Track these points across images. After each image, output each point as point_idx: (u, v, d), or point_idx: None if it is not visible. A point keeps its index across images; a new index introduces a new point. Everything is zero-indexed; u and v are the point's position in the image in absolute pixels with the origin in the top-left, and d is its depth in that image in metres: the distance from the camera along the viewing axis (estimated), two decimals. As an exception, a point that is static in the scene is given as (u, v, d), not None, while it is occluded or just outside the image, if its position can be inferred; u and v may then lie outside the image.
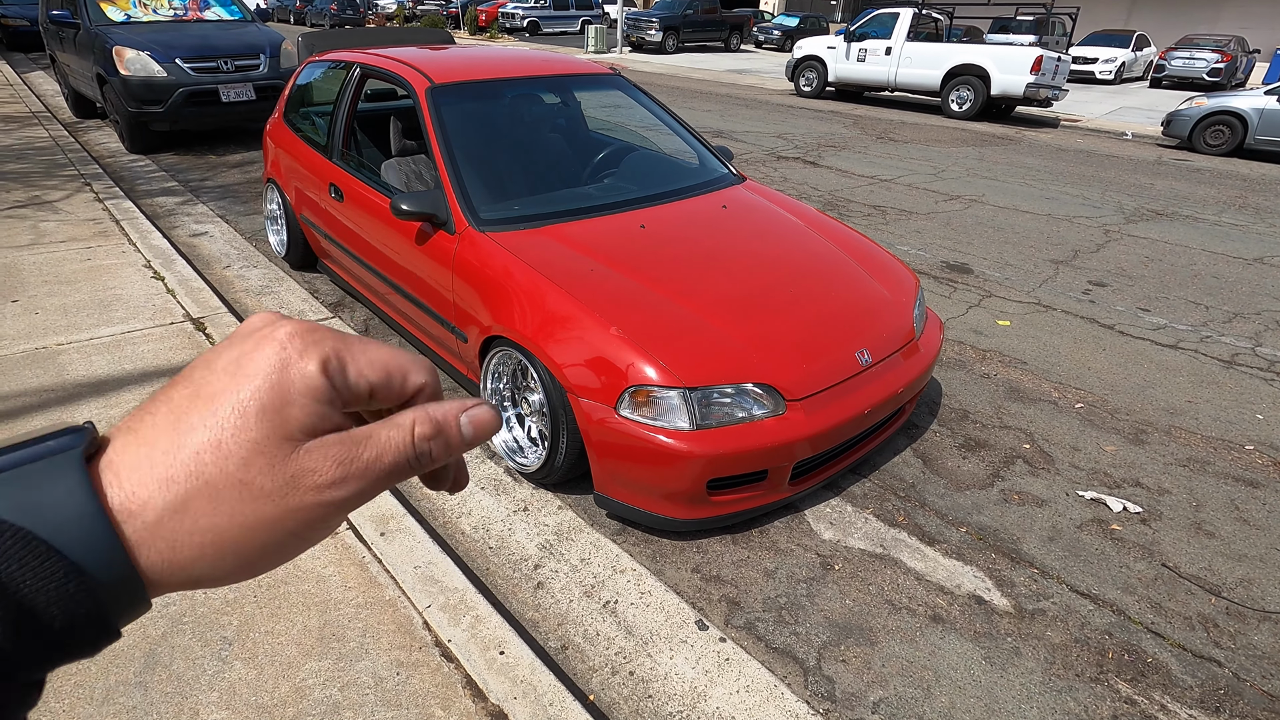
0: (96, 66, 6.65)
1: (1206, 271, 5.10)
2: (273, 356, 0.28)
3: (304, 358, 0.28)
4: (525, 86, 3.49)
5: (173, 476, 0.27)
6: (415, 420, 0.30)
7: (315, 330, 0.30)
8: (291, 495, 0.27)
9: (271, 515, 0.27)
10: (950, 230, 5.76)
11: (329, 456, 0.28)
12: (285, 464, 0.27)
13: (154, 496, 0.26)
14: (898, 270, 2.91)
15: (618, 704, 1.79)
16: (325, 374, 0.28)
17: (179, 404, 0.28)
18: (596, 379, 2.16)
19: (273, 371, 0.28)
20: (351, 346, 0.30)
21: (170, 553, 0.27)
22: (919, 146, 9.27)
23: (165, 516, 0.26)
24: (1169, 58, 18.35)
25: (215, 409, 0.27)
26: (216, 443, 0.27)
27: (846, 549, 2.35)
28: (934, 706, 1.84)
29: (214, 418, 0.27)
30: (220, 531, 0.27)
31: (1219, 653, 2.03)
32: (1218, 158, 9.73)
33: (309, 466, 0.28)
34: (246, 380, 0.28)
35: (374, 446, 0.29)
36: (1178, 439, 3.05)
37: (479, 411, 0.32)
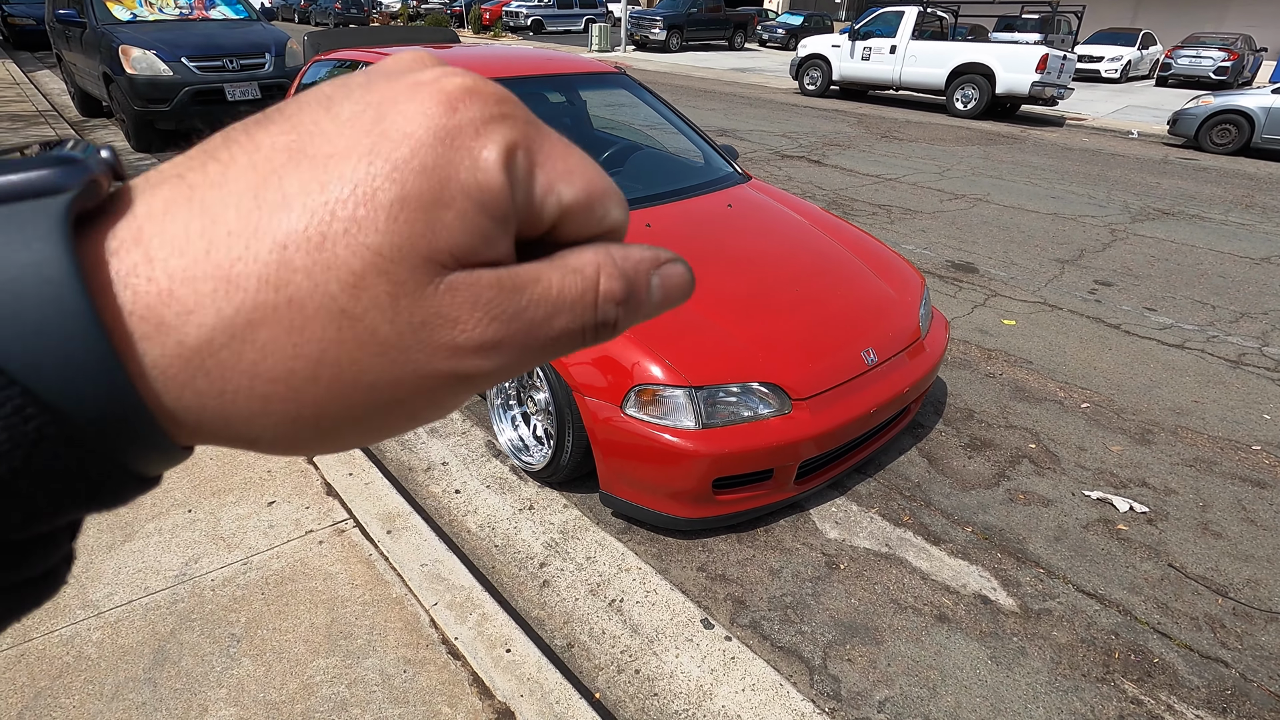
0: (103, 65, 6.67)
1: (1213, 271, 5.08)
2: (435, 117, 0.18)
3: (482, 135, 0.18)
4: (531, 85, 3.49)
5: (238, 276, 0.17)
6: (601, 268, 0.21)
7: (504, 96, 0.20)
8: (415, 351, 0.18)
9: (381, 376, 0.18)
10: (955, 229, 5.75)
11: (480, 303, 0.19)
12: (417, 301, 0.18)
13: (204, 303, 0.17)
14: (903, 269, 2.90)
15: (623, 702, 1.80)
16: (507, 172, 0.19)
17: (268, 156, 0.18)
18: (602, 378, 2.16)
19: (430, 142, 0.18)
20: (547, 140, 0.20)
21: (217, 400, 0.17)
22: (924, 145, 9.25)
23: (216, 340, 0.17)
24: (1175, 56, 18.26)
25: (327, 179, 0.17)
26: (319, 238, 0.17)
27: (852, 548, 2.35)
28: (940, 706, 1.84)
29: (322, 194, 0.17)
30: (298, 383, 0.18)
31: (1226, 653, 2.03)
32: (1224, 156, 9.69)
33: (449, 313, 0.18)
34: (386, 144, 0.18)
35: (544, 299, 0.20)
36: (1184, 439, 3.04)
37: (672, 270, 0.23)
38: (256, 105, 6.81)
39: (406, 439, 2.77)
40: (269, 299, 0.17)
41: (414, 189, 0.17)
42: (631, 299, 0.21)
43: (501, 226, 0.19)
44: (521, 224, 0.20)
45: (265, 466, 2.45)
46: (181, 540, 2.11)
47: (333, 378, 0.18)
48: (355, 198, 0.17)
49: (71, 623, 1.82)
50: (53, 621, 1.82)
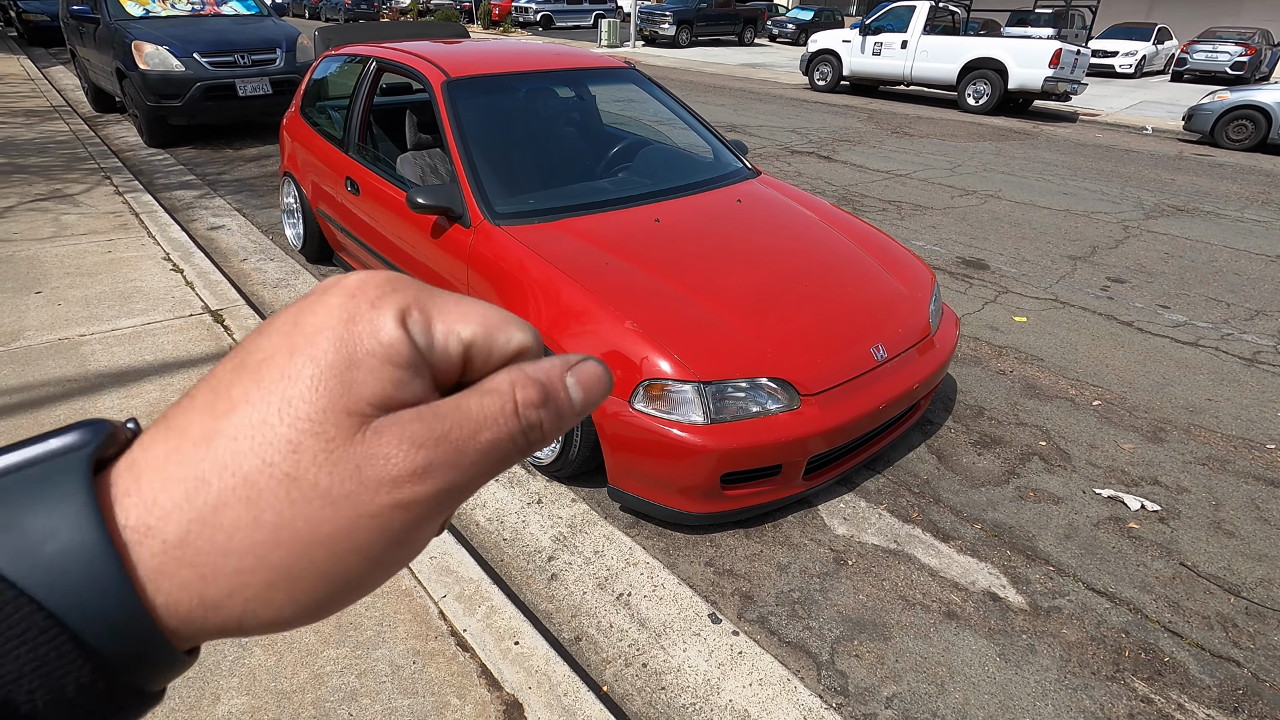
0: (116, 61, 6.72)
1: (1228, 268, 5.03)
2: (336, 309, 0.22)
3: (376, 308, 0.22)
4: (540, 80, 3.49)
5: (204, 475, 0.20)
6: (514, 383, 0.23)
7: (394, 279, 0.24)
8: (357, 494, 0.21)
9: (333, 524, 0.21)
10: (966, 226, 5.71)
11: (405, 436, 0.21)
12: (348, 449, 0.21)
13: (179, 505, 0.20)
14: (914, 265, 2.89)
15: (631, 695, 1.80)
16: (403, 328, 0.22)
17: (221, 379, 0.22)
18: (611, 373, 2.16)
19: (335, 326, 0.22)
20: (438, 298, 0.24)
21: (200, 584, 0.20)
22: (935, 141, 9.19)
23: (192, 531, 0.20)
24: (1191, 51, 18.05)
25: (260, 378, 0.21)
26: (258, 423, 0.20)
27: (860, 544, 2.34)
28: (948, 703, 1.83)
29: (258, 390, 0.21)
30: (264, 551, 0.20)
31: (1238, 653, 2.01)
32: (1240, 153, 9.57)
33: (379, 451, 0.21)
34: (302, 340, 0.21)
35: (465, 420, 0.22)
36: (1197, 437, 3.01)
37: (585, 368, 0.25)
38: (268, 100, 6.88)
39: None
40: (228, 484, 0.20)
41: (327, 363, 0.21)
42: (550, 400, 0.24)
43: (411, 372, 0.22)
44: (437, 369, 0.23)
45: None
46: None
47: (292, 538, 0.20)
48: (283, 383, 0.21)
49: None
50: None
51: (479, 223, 2.66)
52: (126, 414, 2.64)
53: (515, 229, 2.61)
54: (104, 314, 3.39)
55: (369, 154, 3.53)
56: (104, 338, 3.17)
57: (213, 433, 0.21)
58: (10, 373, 2.85)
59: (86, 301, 3.50)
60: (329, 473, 0.20)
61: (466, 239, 2.68)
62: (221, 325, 3.36)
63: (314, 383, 0.21)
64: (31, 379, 2.82)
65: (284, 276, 4.11)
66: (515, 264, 2.49)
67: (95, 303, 3.49)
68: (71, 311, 3.39)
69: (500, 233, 2.60)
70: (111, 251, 4.13)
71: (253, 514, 0.20)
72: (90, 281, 3.72)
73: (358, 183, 3.40)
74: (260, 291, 3.92)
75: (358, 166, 3.44)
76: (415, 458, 0.21)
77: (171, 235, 4.42)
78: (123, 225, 4.55)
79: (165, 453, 0.21)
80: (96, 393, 2.76)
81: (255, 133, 7.71)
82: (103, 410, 2.65)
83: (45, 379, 2.83)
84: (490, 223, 2.64)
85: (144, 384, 2.84)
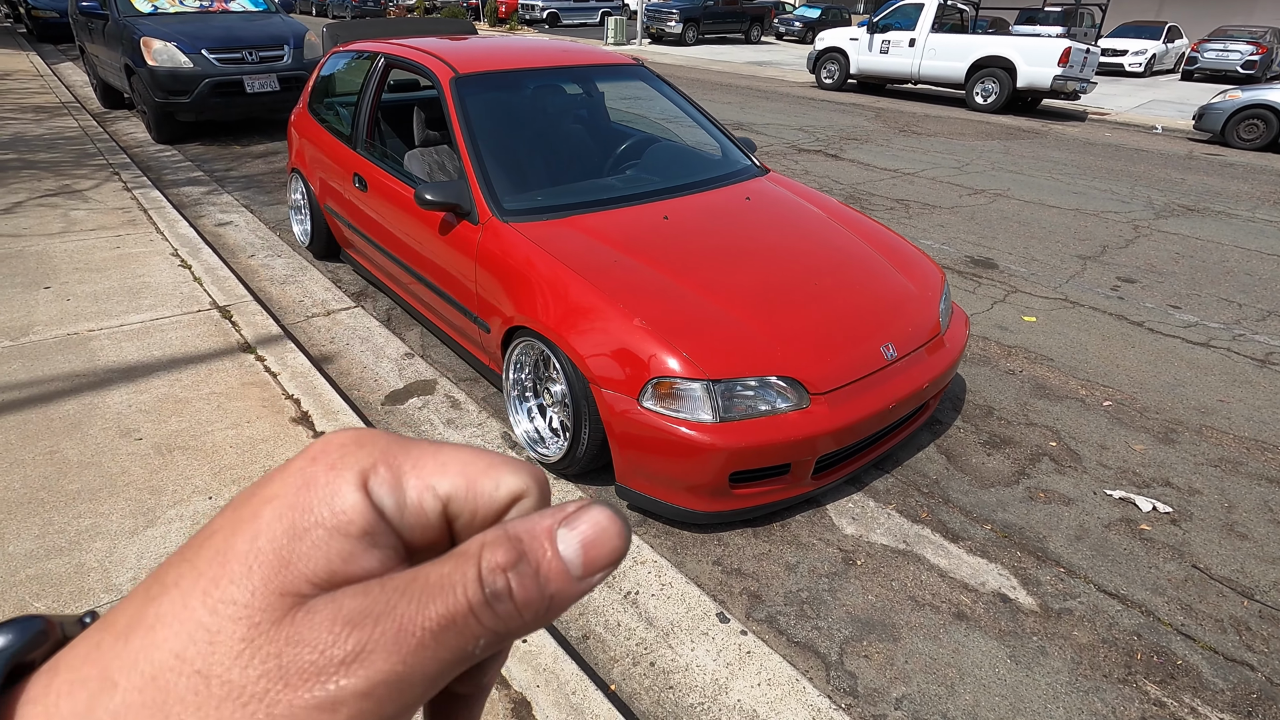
0: (124, 57, 6.74)
1: (1239, 268, 4.98)
2: (293, 475, 0.20)
3: (334, 469, 0.20)
4: (549, 77, 3.48)
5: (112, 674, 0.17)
6: (484, 543, 0.19)
7: (362, 435, 0.21)
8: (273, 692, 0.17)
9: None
10: (975, 225, 5.68)
11: (340, 616, 0.18)
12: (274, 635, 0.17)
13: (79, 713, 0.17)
14: (923, 264, 2.87)
15: (639, 694, 1.80)
16: (363, 491, 0.19)
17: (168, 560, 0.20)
18: (619, 370, 2.16)
19: (287, 494, 0.19)
20: (411, 450, 0.21)
21: None
22: (943, 140, 9.14)
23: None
24: (1201, 50, 17.91)
25: (196, 558, 0.19)
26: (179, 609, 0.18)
27: (869, 544, 2.33)
28: (958, 704, 1.82)
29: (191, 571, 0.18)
30: None
31: (1251, 656, 1.99)
32: (1252, 152, 9.49)
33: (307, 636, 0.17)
34: (249, 512, 0.19)
35: (415, 594, 0.18)
36: (1209, 439, 2.99)
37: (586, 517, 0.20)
38: (275, 97, 6.89)
39: (423, 429, 2.78)
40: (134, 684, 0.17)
41: (269, 537, 0.18)
42: (525, 559, 0.19)
43: (364, 543, 0.19)
44: (412, 535, 0.20)
45: (284, 456, 2.47)
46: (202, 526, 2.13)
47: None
48: (216, 562, 0.18)
49: (95, 606, 1.85)
50: (78, 605, 1.85)
51: (487, 219, 2.65)
52: (135, 410, 2.65)
53: (523, 226, 2.60)
54: (113, 309, 3.40)
55: (377, 150, 3.52)
56: (113, 333, 3.18)
57: (135, 623, 0.18)
58: (19, 367, 2.86)
59: (95, 297, 3.51)
60: (244, 666, 0.17)
61: (474, 236, 2.67)
62: (229, 321, 3.36)
63: (248, 559, 0.18)
64: (41, 374, 2.83)
65: (291, 273, 4.11)
66: (523, 261, 2.48)
67: (104, 298, 3.50)
68: (80, 307, 3.40)
69: (508, 229, 2.59)
70: (120, 247, 4.14)
71: None
72: (99, 277, 3.73)
73: (365, 179, 3.40)
74: (268, 288, 3.93)
75: (365, 163, 3.44)
76: (345, 641, 0.17)
77: (180, 231, 4.43)
78: (131, 221, 4.56)
79: (87, 649, 0.18)
80: (105, 388, 2.77)
81: (263, 129, 7.72)
82: (111, 406, 2.66)
83: (54, 374, 2.84)
84: (498, 219, 2.63)
85: (152, 379, 2.85)
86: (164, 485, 2.29)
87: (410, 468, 0.20)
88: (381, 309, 3.81)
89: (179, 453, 2.44)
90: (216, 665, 0.17)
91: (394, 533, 0.20)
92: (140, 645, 0.18)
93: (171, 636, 0.18)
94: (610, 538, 0.20)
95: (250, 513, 0.19)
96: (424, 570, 0.19)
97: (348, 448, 0.20)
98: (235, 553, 0.18)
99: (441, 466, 0.21)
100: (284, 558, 0.18)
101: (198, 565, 0.18)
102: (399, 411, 2.90)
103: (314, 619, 0.18)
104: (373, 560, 0.19)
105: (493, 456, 0.22)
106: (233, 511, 0.20)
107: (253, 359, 3.06)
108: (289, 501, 0.19)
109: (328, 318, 3.62)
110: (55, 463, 2.35)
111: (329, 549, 0.18)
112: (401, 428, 2.79)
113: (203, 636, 0.17)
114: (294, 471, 0.20)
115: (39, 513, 2.14)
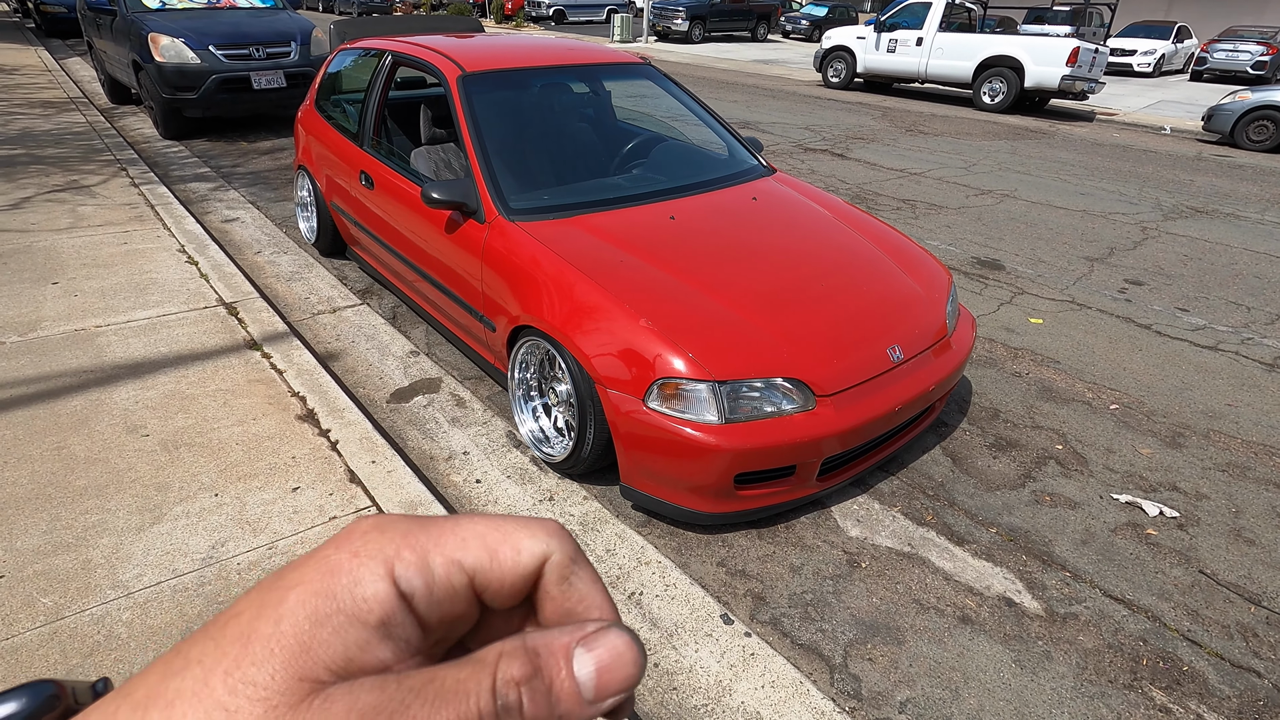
0: (132, 53, 6.76)
1: (1248, 271, 4.95)
2: (319, 563, 0.20)
3: (358, 558, 0.20)
4: (556, 75, 3.47)
5: None
6: (503, 653, 0.20)
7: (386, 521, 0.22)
8: None
9: None
10: (981, 225, 5.66)
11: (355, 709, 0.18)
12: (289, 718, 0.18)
13: None
14: (930, 265, 2.86)
15: (642, 695, 1.79)
16: (389, 580, 0.20)
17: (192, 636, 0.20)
18: (625, 370, 2.16)
19: (312, 580, 0.20)
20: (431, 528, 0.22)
21: None
22: (949, 139, 9.11)
23: None
24: (1211, 50, 17.79)
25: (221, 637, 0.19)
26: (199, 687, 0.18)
27: (874, 547, 2.32)
28: (962, 708, 1.81)
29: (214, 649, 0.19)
30: None
31: (1258, 663, 1.98)
32: (1261, 154, 9.43)
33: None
34: (275, 596, 0.20)
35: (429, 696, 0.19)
36: (1217, 443, 2.97)
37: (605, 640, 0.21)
38: (282, 93, 6.90)
39: (428, 427, 2.78)
40: None
41: (292, 622, 0.19)
42: (539, 676, 0.20)
43: (379, 633, 0.20)
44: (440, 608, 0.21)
45: (290, 453, 2.47)
46: (208, 524, 2.14)
47: None
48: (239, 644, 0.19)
49: (102, 602, 1.86)
50: (84, 600, 1.86)
51: (493, 218, 2.65)
52: (142, 406, 2.65)
53: (530, 225, 2.60)
54: (120, 305, 3.41)
55: (383, 148, 3.53)
56: (120, 329, 3.19)
57: (154, 696, 0.18)
58: (28, 363, 2.87)
59: (102, 293, 3.52)
60: None
61: (481, 234, 2.67)
62: (235, 318, 3.37)
63: (269, 643, 0.19)
64: (48, 369, 2.84)
65: (297, 270, 4.12)
66: (529, 260, 2.48)
67: (111, 294, 3.51)
68: (88, 302, 3.41)
69: (515, 228, 2.59)
70: (127, 243, 4.15)
71: None
72: (106, 273, 3.74)
73: (372, 177, 3.40)
74: (274, 285, 3.93)
75: (372, 161, 3.44)
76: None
77: (186, 227, 4.44)
78: (138, 217, 4.58)
79: (104, 712, 0.19)
80: (112, 384, 2.78)
81: (269, 125, 7.74)
82: (118, 402, 2.67)
83: (62, 369, 2.85)
84: (505, 218, 2.63)
85: (159, 375, 2.86)
86: (170, 482, 2.29)
87: (433, 545, 0.21)
88: (387, 307, 3.81)
89: (185, 449, 2.45)
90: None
91: (412, 622, 0.20)
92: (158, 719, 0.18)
93: (189, 712, 0.18)
94: (625, 664, 0.21)
95: (276, 597, 0.20)
96: (441, 673, 0.20)
97: (370, 535, 0.21)
98: (259, 635, 0.19)
99: (462, 542, 0.21)
100: (305, 643, 0.19)
101: (221, 644, 0.19)
102: (404, 409, 2.90)
103: (331, 708, 0.18)
104: (386, 651, 0.20)
105: (510, 523, 0.22)
106: (259, 594, 0.20)
107: (259, 356, 3.06)
108: (313, 588, 0.20)
109: (333, 315, 3.63)
110: (62, 458, 2.36)
111: (347, 637, 0.19)
112: (407, 425, 2.80)
113: (220, 716, 0.18)
114: (320, 559, 0.20)
115: (46, 508, 2.15)
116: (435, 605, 0.21)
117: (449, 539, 0.21)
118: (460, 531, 0.22)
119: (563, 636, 0.21)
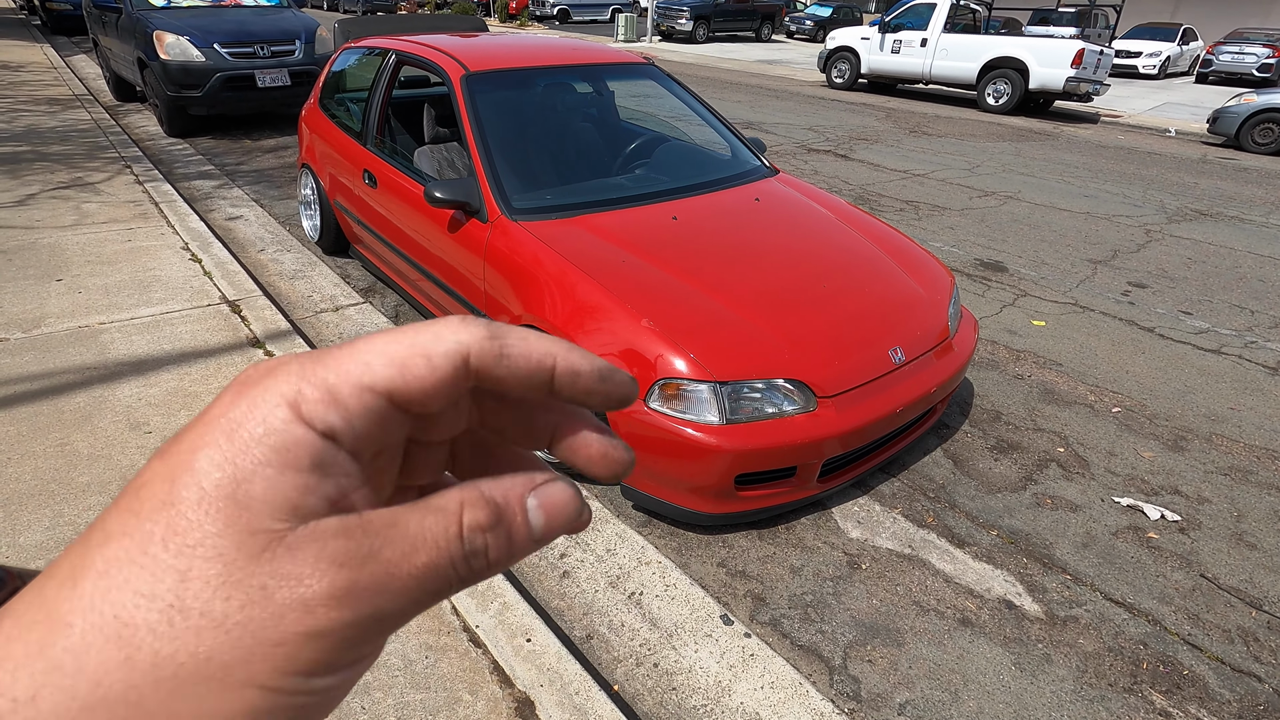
0: (137, 50, 6.77)
1: (1252, 275, 4.94)
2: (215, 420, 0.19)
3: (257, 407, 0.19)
4: (559, 75, 3.48)
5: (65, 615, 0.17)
6: (463, 501, 0.21)
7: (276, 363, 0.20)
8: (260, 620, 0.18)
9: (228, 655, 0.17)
10: (984, 227, 5.65)
11: (325, 554, 0.18)
12: (252, 569, 0.18)
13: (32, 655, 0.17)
14: (933, 267, 2.86)
15: (642, 695, 1.80)
16: (300, 421, 0.19)
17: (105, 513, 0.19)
18: (626, 370, 2.15)
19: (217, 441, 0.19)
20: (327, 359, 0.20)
21: None
22: (953, 141, 9.09)
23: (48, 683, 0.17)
24: (1217, 52, 17.74)
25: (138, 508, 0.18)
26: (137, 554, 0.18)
27: (874, 548, 2.32)
28: (962, 711, 1.81)
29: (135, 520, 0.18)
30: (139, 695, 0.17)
31: (1259, 668, 1.98)
32: (1266, 157, 9.41)
33: (290, 570, 0.18)
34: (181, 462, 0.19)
35: (400, 539, 0.19)
36: (1219, 447, 2.97)
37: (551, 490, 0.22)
38: (286, 92, 6.91)
39: (430, 427, 2.79)
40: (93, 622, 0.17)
41: (212, 483, 0.18)
42: (501, 523, 0.21)
43: (318, 473, 0.19)
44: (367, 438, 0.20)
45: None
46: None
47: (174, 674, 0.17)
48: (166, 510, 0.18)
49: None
50: (86, 597, 1.86)
51: (496, 218, 2.66)
52: (144, 404, 2.66)
53: (532, 224, 2.60)
54: (123, 302, 3.42)
55: (387, 147, 3.53)
56: (123, 326, 3.20)
57: (81, 569, 0.18)
58: (31, 359, 2.89)
59: (106, 290, 3.53)
60: (225, 599, 0.17)
61: (483, 234, 2.67)
62: (239, 316, 3.38)
63: (201, 505, 0.18)
64: (52, 366, 2.85)
65: (300, 268, 4.13)
66: (531, 259, 2.49)
67: (115, 291, 3.52)
68: (92, 299, 3.42)
69: (517, 228, 2.59)
70: (131, 240, 4.16)
71: (125, 652, 0.17)
72: (110, 270, 3.75)
73: (375, 176, 3.41)
74: (277, 283, 3.94)
75: (375, 159, 3.45)
76: (335, 579, 0.18)
77: (190, 225, 4.45)
78: (143, 214, 4.59)
79: (32, 596, 0.18)
80: (115, 380, 2.79)
81: (274, 123, 7.75)
82: (121, 399, 2.67)
83: (66, 366, 2.86)
84: (507, 218, 2.63)
85: (162, 373, 2.86)
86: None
87: (335, 376, 0.20)
88: (390, 305, 3.82)
89: (188, 446, 2.45)
90: (193, 599, 0.17)
91: (345, 456, 0.20)
92: (94, 589, 0.18)
93: (133, 578, 0.18)
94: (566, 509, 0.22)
95: (183, 462, 0.19)
96: (403, 517, 0.20)
97: (264, 381, 0.20)
98: (184, 500, 0.18)
99: (366, 366, 0.20)
100: (239, 501, 0.18)
101: (141, 515, 0.18)
102: (406, 408, 2.90)
103: (298, 555, 0.18)
104: (331, 487, 0.19)
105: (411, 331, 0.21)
106: (161, 463, 0.19)
107: (261, 354, 3.07)
108: (223, 450, 0.19)
109: (336, 313, 3.63)
110: (66, 455, 2.36)
111: (283, 485, 0.18)
112: (408, 424, 2.80)
113: (172, 576, 0.18)
114: (213, 419, 0.19)
115: (49, 504, 2.16)
116: (361, 437, 0.20)
117: (349, 364, 0.20)
118: (360, 354, 0.20)
119: (517, 486, 0.22)
